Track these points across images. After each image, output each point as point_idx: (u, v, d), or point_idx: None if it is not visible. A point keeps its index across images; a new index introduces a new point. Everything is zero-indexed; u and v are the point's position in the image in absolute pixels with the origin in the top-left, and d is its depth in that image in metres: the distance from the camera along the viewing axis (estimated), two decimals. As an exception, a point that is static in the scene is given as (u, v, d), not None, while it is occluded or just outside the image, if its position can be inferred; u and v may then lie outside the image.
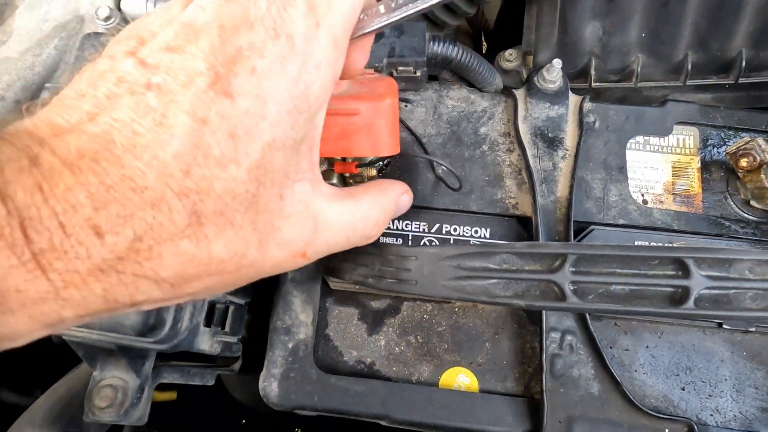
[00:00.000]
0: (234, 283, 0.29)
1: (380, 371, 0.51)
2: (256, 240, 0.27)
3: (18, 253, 0.22)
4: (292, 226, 0.29)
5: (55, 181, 0.22)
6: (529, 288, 0.38)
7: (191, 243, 0.25)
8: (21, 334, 0.24)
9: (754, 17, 0.53)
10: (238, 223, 0.26)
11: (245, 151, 0.25)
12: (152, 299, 0.26)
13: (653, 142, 0.57)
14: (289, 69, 0.26)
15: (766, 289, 0.35)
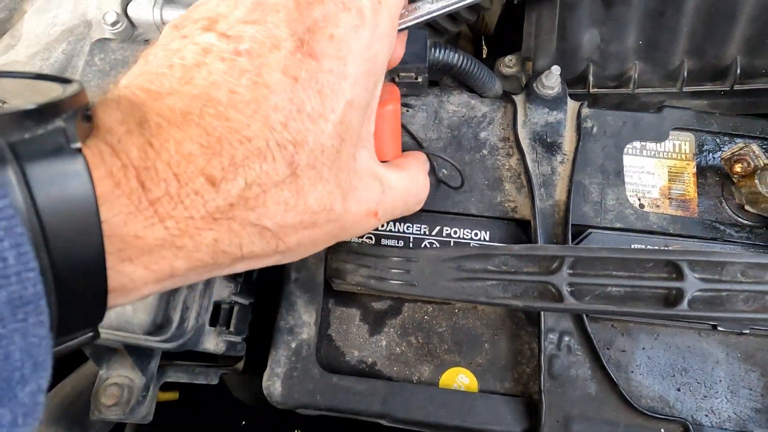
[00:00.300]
0: (320, 241, 0.30)
1: (381, 371, 0.52)
2: (340, 195, 0.29)
3: (135, 202, 0.23)
4: (365, 185, 0.32)
5: (164, 137, 0.24)
6: (528, 289, 0.39)
7: (290, 193, 0.26)
8: (136, 285, 0.25)
9: (749, 25, 0.54)
10: (325, 177, 0.28)
11: (331, 107, 0.27)
12: (255, 252, 0.27)
13: (650, 147, 0.58)
14: (362, 36, 0.28)
15: (758, 292, 0.36)
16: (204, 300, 0.45)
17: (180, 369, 0.53)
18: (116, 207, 0.23)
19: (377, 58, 0.30)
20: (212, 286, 0.47)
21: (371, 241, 0.54)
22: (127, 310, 0.40)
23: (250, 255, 0.27)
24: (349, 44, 0.28)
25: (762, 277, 0.36)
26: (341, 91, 0.28)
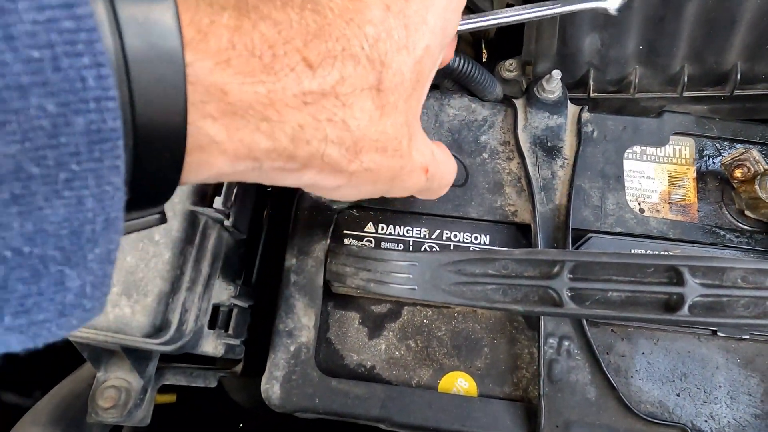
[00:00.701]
0: (382, 176, 0.30)
1: (380, 375, 0.51)
2: (407, 134, 0.30)
3: (224, 56, 0.22)
4: (422, 140, 0.33)
5: (261, 14, 0.23)
6: (528, 294, 0.39)
7: (374, 106, 0.27)
8: (212, 156, 0.24)
9: (749, 31, 0.54)
10: (400, 108, 0.29)
11: (413, 43, 0.28)
12: (332, 159, 0.27)
13: (650, 152, 0.58)
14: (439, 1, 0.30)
15: (759, 297, 0.36)
16: (203, 302, 0.45)
17: (178, 372, 0.53)
18: (203, 53, 0.22)
19: (448, 25, 0.31)
20: (211, 289, 0.47)
21: (371, 244, 0.54)
22: (125, 312, 0.40)
23: (326, 161, 0.27)
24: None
25: (762, 282, 0.36)
26: (422, 34, 0.29)
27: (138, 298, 0.40)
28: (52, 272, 0.18)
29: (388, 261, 0.43)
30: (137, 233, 0.42)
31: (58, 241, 0.18)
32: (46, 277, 0.18)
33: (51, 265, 0.18)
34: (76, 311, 0.19)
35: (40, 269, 0.17)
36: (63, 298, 0.18)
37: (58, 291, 0.18)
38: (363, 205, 0.55)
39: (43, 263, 0.17)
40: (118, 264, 0.41)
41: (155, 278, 0.41)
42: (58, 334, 0.19)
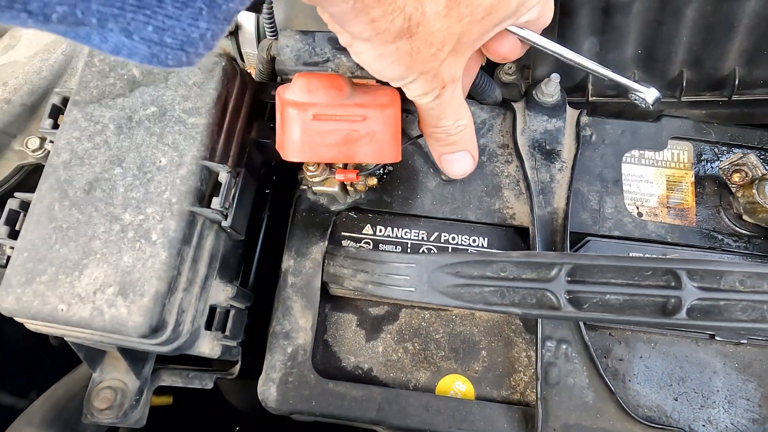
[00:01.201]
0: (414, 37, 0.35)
1: (378, 377, 0.51)
2: (452, 44, 0.37)
3: None
4: (459, 69, 0.42)
5: None
6: (526, 297, 0.39)
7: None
8: None
9: (746, 37, 0.54)
10: (464, 19, 0.36)
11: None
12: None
13: (648, 156, 0.58)
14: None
15: (756, 301, 0.36)
16: (200, 303, 0.45)
17: (174, 373, 0.53)
18: None
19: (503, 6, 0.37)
20: (208, 290, 0.46)
21: (369, 246, 0.54)
22: (122, 312, 0.40)
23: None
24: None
25: (760, 286, 0.36)
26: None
27: (134, 298, 0.40)
28: (196, 6, 0.22)
29: (386, 263, 0.43)
30: (134, 232, 0.42)
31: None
32: (190, 8, 0.22)
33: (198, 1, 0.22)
34: (191, 50, 0.24)
35: (189, 1, 0.22)
36: (190, 33, 0.23)
37: (191, 25, 0.22)
38: (361, 207, 0.55)
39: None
40: (114, 263, 0.41)
41: (152, 278, 0.40)
42: (168, 64, 0.24)
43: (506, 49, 0.45)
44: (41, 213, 0.42)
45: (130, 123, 0.45)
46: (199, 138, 0.44)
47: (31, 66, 0.65)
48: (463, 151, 0.49)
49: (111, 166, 0.44)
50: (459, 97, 0.43)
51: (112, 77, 0.47)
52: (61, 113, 0.48)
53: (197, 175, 0.44)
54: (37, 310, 0.40)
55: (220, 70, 0.47)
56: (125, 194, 0.43)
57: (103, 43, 0.22)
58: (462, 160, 0.50)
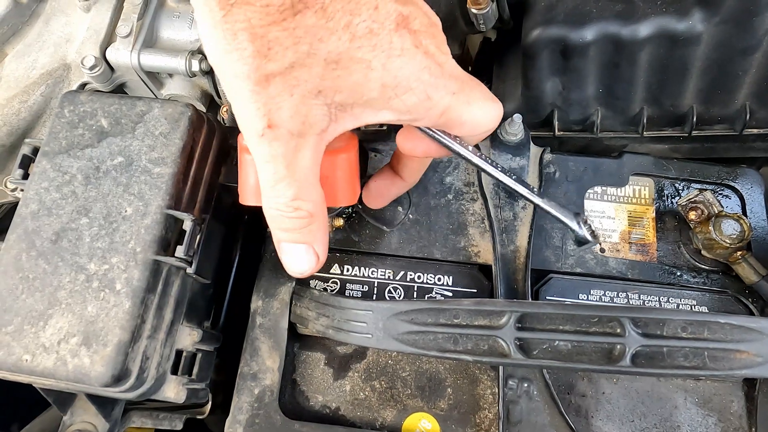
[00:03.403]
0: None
1: (345, 416, 0.52)
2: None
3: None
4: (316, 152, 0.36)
5: None
6: (478, 343, 0.40)
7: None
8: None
9: (701, 78, 0.56)
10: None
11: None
12: None
13: (610, 192, 0.59)
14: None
15: (698, 348, 0.37)
16: (165, 349, 0.46)
17: (144, 414, 0.53)
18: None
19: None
20: (175, 334, 0.47)
21: (337, 286, 0.55)
22: (84, 362, 0.41)
23: None
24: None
25: (701, 333, 0.37)
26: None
27: (97, 348, 0.41)
28: None
29: (344, 309, 0.44)
30: (99, 281, 0.43)
31: None
32: None
33: None
34: None
35: None
36: None
37: None
38: (329, 246, 0.56)
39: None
40: (79, 313, 0.42)
41: (115, 328, 0.41)
42: None
43: (409, 146, 0.41)
44: (8, 263, 0.44)
45: (97, 173, 0.46)
46: (164, 187, 0.46)
47: (10, 108, 0.67)
48: (304, 244, 0.37)
49: (78, 216, 0.45)
50: (305, 165, 0.33)
51: (81, 128, 0.48)
52: (32, 163, 0.49)
53: (162, 223, 0.45)
54: (2, 360, 0.41)
55: (186, 120, 0.48)
56: (91, 244, 0.44)
57: None
58: (298, 255, 0.38)
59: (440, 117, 0.34)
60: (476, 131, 0.37)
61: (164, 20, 0.67)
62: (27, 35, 0.70)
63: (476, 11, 0.55)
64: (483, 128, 0.37)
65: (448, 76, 0.33)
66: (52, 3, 0.69)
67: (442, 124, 0.36)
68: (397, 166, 0.47)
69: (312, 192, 0.35)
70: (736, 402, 0.51)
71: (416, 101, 0.33)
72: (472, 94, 0.35)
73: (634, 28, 0.52)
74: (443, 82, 0.33)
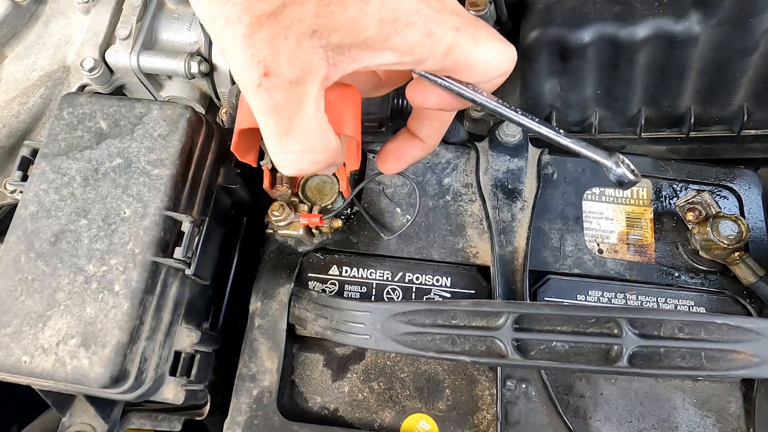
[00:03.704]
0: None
1: (343, 417, 0.52)
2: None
3: None
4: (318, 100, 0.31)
5: None
6: (475, 344, 0.40)
7: None
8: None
9: (698, 79, 0.56)
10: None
11: None
12: None
13: (609, 193, 0.59)
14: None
15: (695, 348, 0.37)
16: (164, 350, 0.46)
17: (143, 415, 0.53)
18: None
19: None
20: (173, 336, 0.47)
21: (335, 287, 0.55)
22: (83, 363, 0.41)
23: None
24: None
25: (698, 334, 0.37)
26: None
27: (96, 349, 0.41)
28: None
29: (343, 310, 0.44)
30: (97, 283, 0.43)
31: None
32: None
33: None
34: None
35: None
36: None
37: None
38: (328, 247, 0.56)
39: None
40: (77, 314, 0.42)
41: (113, 329, 0.42)
42: None
43: (420, 97, 0.35)
44: (8, 265, 0.44)
45: (96, 175, 0.46)
46: (163, 189, 0.46)
47: (10, 110, 0.67)
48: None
49: (77, 218, 0.45)
50: (310, 115, 0.31)
51: (80, 130, 0.48)
52: (31, 164, 0.49)
53: (160, 225, 0.45)
54: (1, 361, 0.41)
55: (185, 122, 0.48)
56: (90, 245, 0.44)
57: None
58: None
59: (446, 57, 0.31)
60: (488, 75, 0.33)
61: (163, 22, 0.67)
62: (26, 37, 0.70)
63: (474, 13, 0.55)
64: (495, 71, 0.33)
65: (449, 11, 0.31)
66: (51, 5, 0.70)
67: (448, 67, 0.32)
68: (414, 126, 0.42)
69: (324, 141, 0.32)
70: (734, 402, 0.51)
71: (418, 37, 0.30)
72: (478, 33, 0.32)
73: (632, 29, 0.53)
74: (444, 17, 0.31)
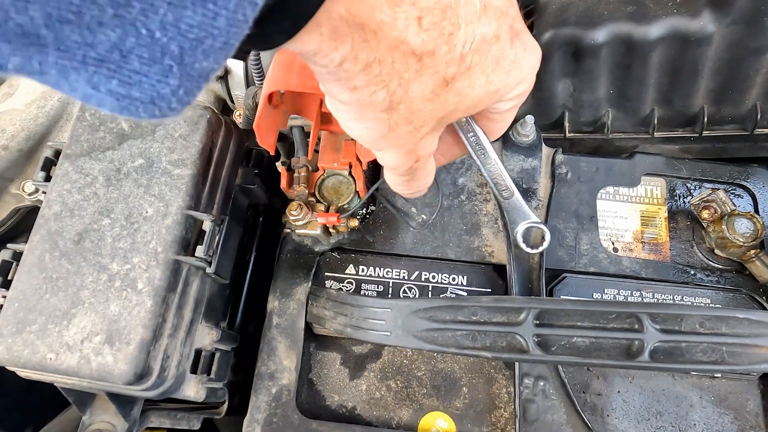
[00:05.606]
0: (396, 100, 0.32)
1: (361, 416, 0.52)
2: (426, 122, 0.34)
3: None
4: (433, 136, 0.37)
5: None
6: (496, 340, 0.40)
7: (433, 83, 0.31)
8: (330, 16, 0.26)
9: (712, 78, 0.56)
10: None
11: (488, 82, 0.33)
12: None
13: (623, 192, 0.60)
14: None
15: (716, 343, 0.37)
16: (185, 348, 0.47)
17: (162, 414, 0.54)
18: None
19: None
20: (194, 334, 0.48)
21: (352, 286, 0.55)
22: (108, 360, 0.41)
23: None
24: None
25: (719, 328, 0.37)
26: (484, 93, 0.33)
27: (120, 346, 0.42)
28: (164, 64, 0.21)
29: (363, 307, 0.44)
30: (121, 281, 0.44)
31: (183, 41, 0.21)
32: (158, 65, 0.21)
33: (167, 57, 0.21)
34: (164, 105, 0.22)
35: (157, 56, 0.21)
36: (161, 89, 0.22)
37: (160, 81, 0.22)
38: (344, 247, 0.57)
39: (162, 52, 0.21)
40: (101, 312, 0.43)
41: (137, 326, 0.42)
42: (140, 115, 0.23)
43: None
44: (32, 263, 0.44)
45: (118, 175, 0.47)
46: (184, 188, 0.46)
47: (28, 113, 0.68)
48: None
49: (100, 217, 0.46)
50: (431, 165, 0.41)
51: (102, 131, 0.49)
52: (54, 165, 0.50)
53: (182, 224, 0.46)
54: (27, 359, 0.42)
55: (205, 122, 0.49)
56: (113, 244, 0.45)
57: (72, 92, 0.21)
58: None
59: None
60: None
61: (180, 26, 0.68)
62: (45, 42, 0.71)
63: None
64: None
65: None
66: (69, 10, 0.71)
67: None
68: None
69: (432, 171, 0.42)
70: (752, 400, 0.51)
71: (527, 88, 0.37)
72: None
73: (645, 29, 0.53)
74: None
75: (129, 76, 0.21)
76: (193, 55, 0.21)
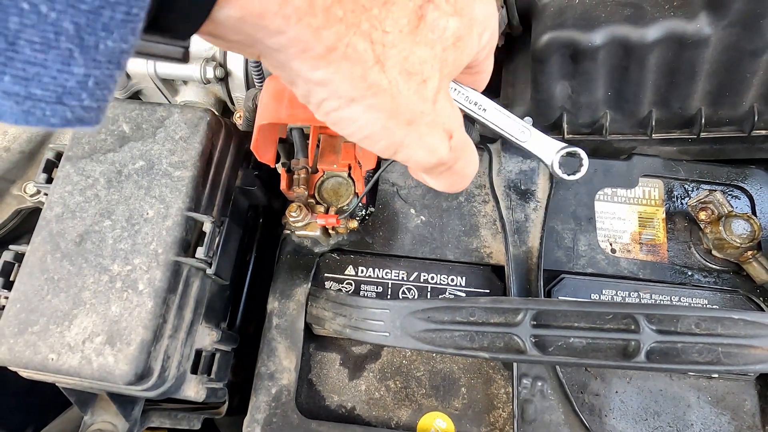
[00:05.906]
0: (402, 108, 0.29)
1: (360, 416, 0.53)
2: (436, 76, 0.29)
3: None
4: (449, 103, 0.33)
5: None
6: (494, 340, 0.40)
7: (408, 24, 0.27)
8: None
9: (709, 80, 0.57)
10: (434, 46, 0.29)
11: (468, 13, 0.29)
12: (349, 55, 0.25)
13: (621, 193, 0.60)
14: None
15: (712, 344, 0.38)
16: (185, 348, 0.47)
17: (163, 414, 0.54)
18: None
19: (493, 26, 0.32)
20: (194, 335, 0.48)
21: (351, 287, 0.56)
22: (109, 360, 0.42)
23: (348, 53, 0.25)
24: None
25: (715, 329, 0.38)
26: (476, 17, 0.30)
27: (121, 347, 0.42)
28: (62, 48, 0.17)
29: (362, 308, 0.45)
30: (122, 282, 0.44)
31: (76, 14, 0.17)
32: (54, 50, 0.17)
33: (63, 39, 0.17)
34: (74, 103, 0.19)
35: (50, 39, 0.17)
36: (65, 81, 0.18)
37: (62, 71, 0.18)
38: (344, 248, 0.57)
39: (56, 32, 0.17)
40: (103, 313, 0.43)
41: (138, 327, 0.42)
42: (50, 122, 0.19)
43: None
44: (34, 265, 0.45)
45: (119, 177, 0.47)
46: (185, 190, 0.47)
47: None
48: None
49: (101, 219, 0.46)
50: (470, 142, 0.36)
51: (104, 133, 0.49)
52: (55, 167, 0.50)
53: (182, 225, 0.46)
54: (28, 359, 0.42)
55: (205, 125, 0.49)
56: (114, 246, 0.45)
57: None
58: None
59: None
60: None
61: (180, 28, 0.68)
62: (46, 44, 0.71)
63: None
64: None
65: None
66: (70, 13, 0.71)
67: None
68: None
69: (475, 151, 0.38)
70: (749, 400, 0.52)
71: (491, 34, 0.33)
72: None
73: (642, 31, 0.53)
74: None
75: (23, 69, 0.17)
76: (93, 32, 0.18)
